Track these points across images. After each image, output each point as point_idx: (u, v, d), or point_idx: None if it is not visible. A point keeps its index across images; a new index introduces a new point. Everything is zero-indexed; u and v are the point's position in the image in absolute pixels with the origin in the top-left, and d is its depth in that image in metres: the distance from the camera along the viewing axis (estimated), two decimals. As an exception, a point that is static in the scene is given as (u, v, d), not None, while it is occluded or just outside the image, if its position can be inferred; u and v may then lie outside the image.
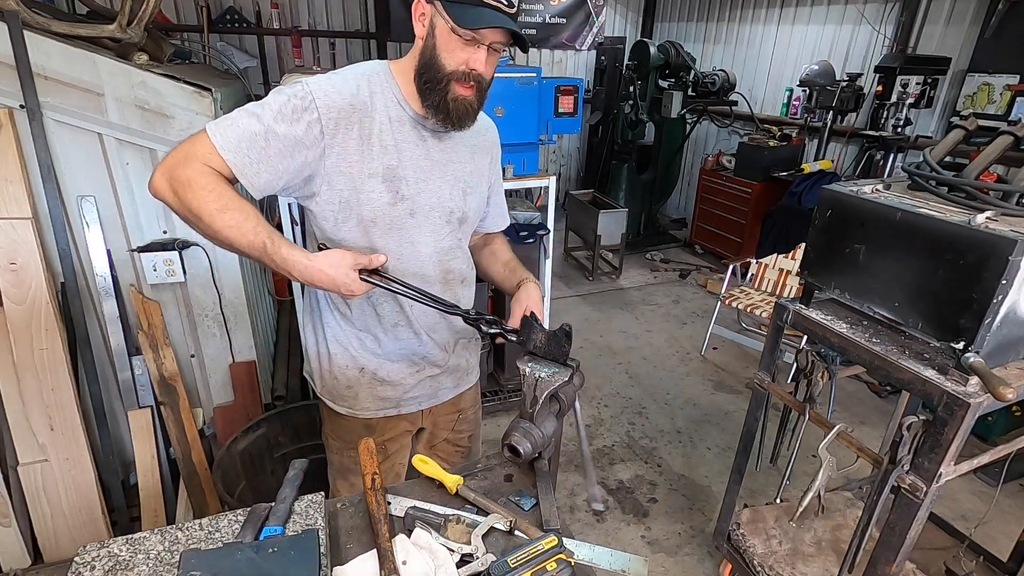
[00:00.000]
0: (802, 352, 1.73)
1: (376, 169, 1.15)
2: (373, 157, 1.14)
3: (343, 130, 1.11)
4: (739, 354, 3.88)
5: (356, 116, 1.12)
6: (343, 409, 1.39)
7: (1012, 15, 3.60)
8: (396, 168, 1.16)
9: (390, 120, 1.15)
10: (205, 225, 1.02)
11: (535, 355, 1.15)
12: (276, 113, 1.05)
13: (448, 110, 1.12)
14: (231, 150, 1.03)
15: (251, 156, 1.04)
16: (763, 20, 5.44)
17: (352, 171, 1.13)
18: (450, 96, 1.11)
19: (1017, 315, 1.28)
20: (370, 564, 0.95)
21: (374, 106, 1.14)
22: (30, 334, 1.85)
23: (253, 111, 1.06)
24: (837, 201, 1.55)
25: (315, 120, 1.07)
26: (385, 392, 1.36)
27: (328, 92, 1.09)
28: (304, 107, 1.06)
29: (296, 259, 1.03)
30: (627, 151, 5.71)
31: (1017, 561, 1.97)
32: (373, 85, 1.15)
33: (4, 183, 1.77)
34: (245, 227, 1.02)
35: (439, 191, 1.23)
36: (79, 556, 0.89)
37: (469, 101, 1.13)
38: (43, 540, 2.01)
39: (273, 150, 1.05)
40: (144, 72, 1.86)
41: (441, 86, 1.10)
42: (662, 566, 2.28)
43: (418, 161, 1.19)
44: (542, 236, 3.01)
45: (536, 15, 6.23)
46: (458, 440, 1.58)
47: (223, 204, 1.01)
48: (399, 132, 1.17)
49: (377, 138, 1.14)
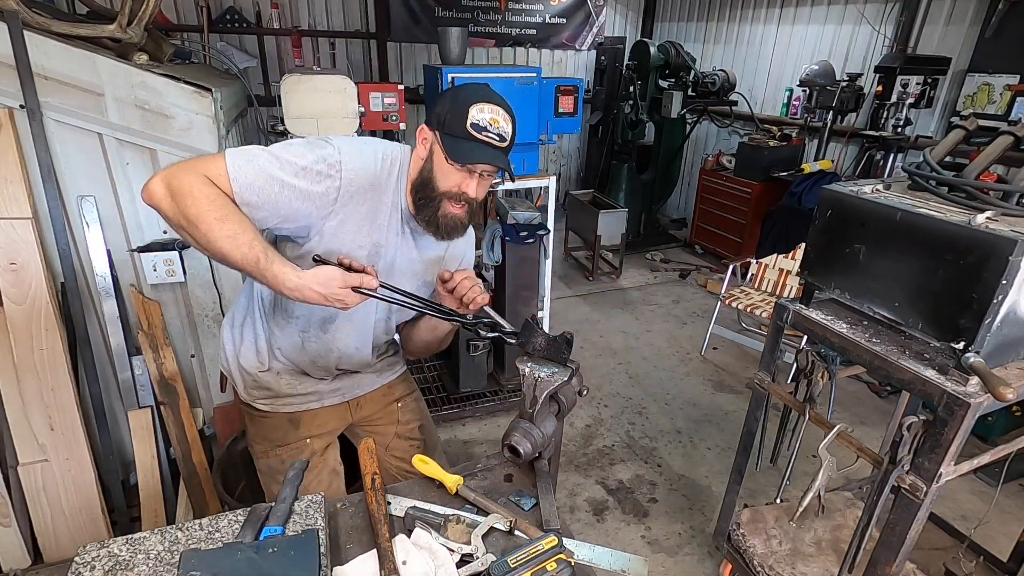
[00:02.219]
0: (802, 352, 1.73)
1: (365, 242, 1.23)
2: (370, 232, 1.23)
3: (356, 202, 1.18)
4: (739, 354, 3.88)
5: (372, 193, 1.20)
6: (265, 405, 1.43)
7: (1012, 15, 3.60)
8: (381, 247, 1.26)
9: (391, 205, 1.24)
10: (202, 233, 1.03)
11: (534, 356, 1.15)
12: (300, 170, 1.11)
13: (438, 225, 1.22)
14: (243, 183, 1.07)
15: (260, 196, 1.08)
16: (763, 20, 5.44)
17: (347, 238, 1.20)
18: (441, 213, 1.21)
19: (1017, 315, 1.28)
20: (370, 564, 0.95)
21: (387, 189, 1.22)
22: (30, 334, 1.85)
23: (278, 156, 1.10)
24: (837, 201, 1.55)
25: (335, 187, 1.14)
26: (304, 387, 1.41)
27: (356, 166, 1.16)
28: (329, 174, 1.13)
29: (288, 276, 1.06)
30: (627, 151, 5.71)
31: (1017, 561, 1.97)
32: (392, 169, 1.23)
33: (4, 183, 1.77)
34: (241, 239, 1.04)
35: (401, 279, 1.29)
36: (79, 556, 0.89)
37: (460, 218, 1.23)
38: (43, 540, 2.01)
39: (283, 199, 1.10)
40: (144, 72, 1.86)
41: (434, 203, 1.20)
42: (662, 566, 2.28)
43: (395, 251, 1.29)
44: (542, 236, 3.01)
45: (536, 15, 6.23)
46: (409, 433, 1.60)
47: (223, 215, 1.03)
48: (393, 217, 1.25)
49: (379, 217, 1.23)
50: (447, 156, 1.15)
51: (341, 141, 1.18)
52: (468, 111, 1.14)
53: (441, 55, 2.88)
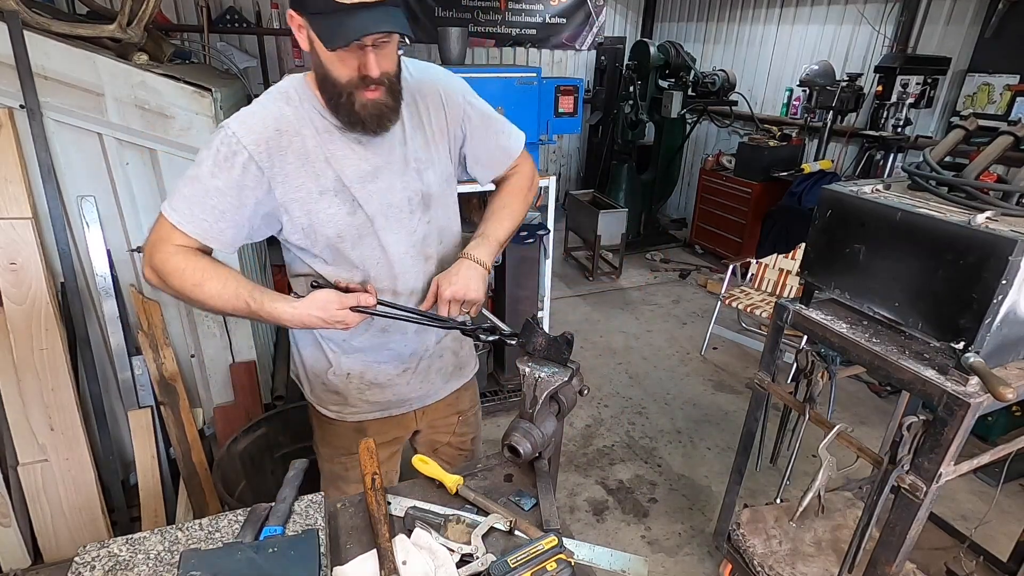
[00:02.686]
0: (802, 352, 1.73)
1: (325, 185, 1.11)
2: (318, 174, 1.11)
3: (278, 158, 1.08)
4: (739, 354, 3.88)
5: (285, 139, 1.08)
6: (332, 413, 1.37)
7: (1012, 15, 3.59)
8: (341, 179, 1.12)
9: (318, 132, 1.11)
10: (193, 301, 1.08)
11: (534, 356, 1.15)
12: (211, 168, 1.05)
13: (363, 120, 1.07)
14: (188, 222, 1.05)
15: (208, 220, 1.06)
16: (763, 20, 5.44)
17: (301, 195, 1.11)
18: (358, 105, 1.05)
19: (1017, 315, 1.28)
20: (370, 564, 0.95)
21: (301, 123, 1.10)
22: (30, 334, 1.85)
23: (192, 175, 1.06)
24: (837, 201, 1.55)
25: (248, 159, 1.05)
26: (374, 395, 1.35)
27: (250, 126, 1.06)
28: (233, 151, 1.05)
29: (282, 310, 1.07)
30: (627, 151, 5.71)
31: (1017, 561, 1.97)
32: (293, 102, 1.10)
33: (4, 183, 1.77)
34: (225, 295, 1.06)
35: (391, 186, 1.17)
36: (79, 556, 0.89)
37: (381, 102, 1.06)
38: (43, 540, 2.01)
39: (225, 205, 1.06)
40: (144, 72, 1.86)
41: (344, 99, 1.05)
42: (662, 566, 2.28)
43: (359, 166, 1.14)
44: (542, 236, 3.01)
45: (536, 15, 6.24)
46: (461, 444, 1.57)
47: (199, 279, 1.06)
48: (332, 142, 1.12)
49: (314, 154, 1.10)
50: (324, 44, 0.98)
51: (232, 116, 1.08)
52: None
53: (441, 55, 2.88)
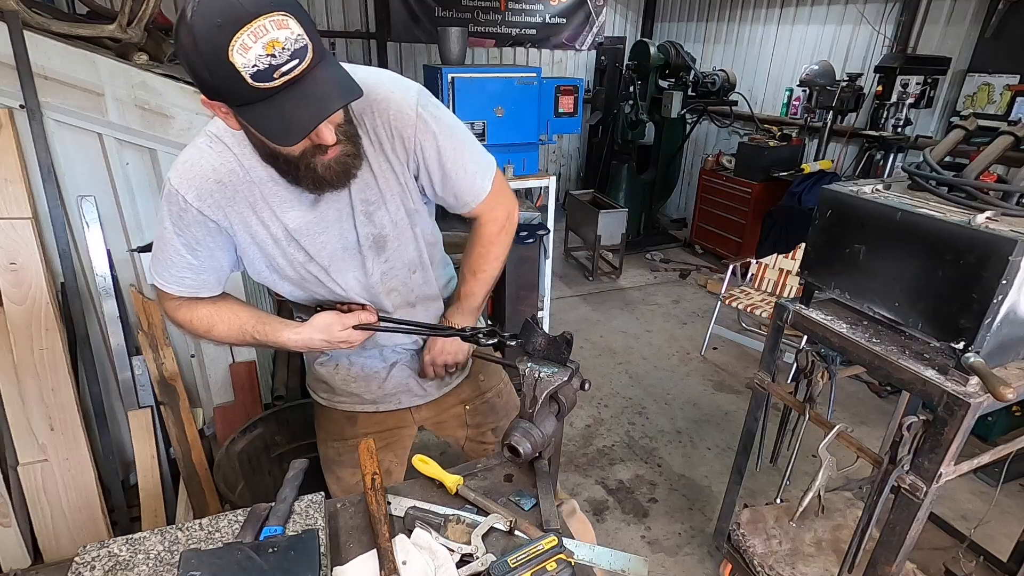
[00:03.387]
0: (802, 352, 1.73)
1: (277, 234, 1.07)
2: (267, 223, 1.05)
3: (228, 207, 1.02)
4: (739, 354, 3.88)
5: (230, 189, 1.01)
6: (322, 400, 1.42)
7: (1012, 15, 3.59)
8: (292, 229, 1.06)
9: (264, 180, 1.02)
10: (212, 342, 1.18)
11: (534, 356, 1.15)
12: (172, 228, 1.03)
13: (328, 180, 0.97)
14: (172, 284, 1.09)
15: (189, 277, 1.09)
16: (763, 20, 5.44)
17: (258, 241, 1.07)
18: (321, 168, 0.94)
19: (1017, 315, 1.28)
20: (370, 564, 0.95)
21: (244, 167, 1.01)
22: (30, 334, 1.85)
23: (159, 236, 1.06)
24: (837, 201, 1.55)
25: (198, 214, 1.01)
26: (359, 388, 1.37)
27: (190, 180, 0.99)
28: (182, 209, 1.00)
29: (287, 336, 1.11)
30: (627, 151, 5.71)
31: (1017, 561, 1.97)
32: (231, 147, 1.00)
33: (4, 183, 1.77)
34: (232, 334, 1.13)
35: (341, 233, 1.10)
36: (79, 556, 0.89)
37: (343, 156, 0.95)
38: (43, 540, 2.01)
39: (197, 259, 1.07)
40: (144, 72, 1.86)
41: (303, 170, 0.95)
42: (662, 566, 2.28)
43: (305, 216, 1.06)
44: (542, 236, 3.01)
45: (536, 15, 6.24)
46: (480, 437, 1.52)
47: (207, 326, 1.13)
48: (275, 193, 1.03)
49: (264, 201, 1.03)
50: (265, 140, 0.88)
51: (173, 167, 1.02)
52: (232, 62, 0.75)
53: (441, 55, 2.88)
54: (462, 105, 2.61)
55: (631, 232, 5.46)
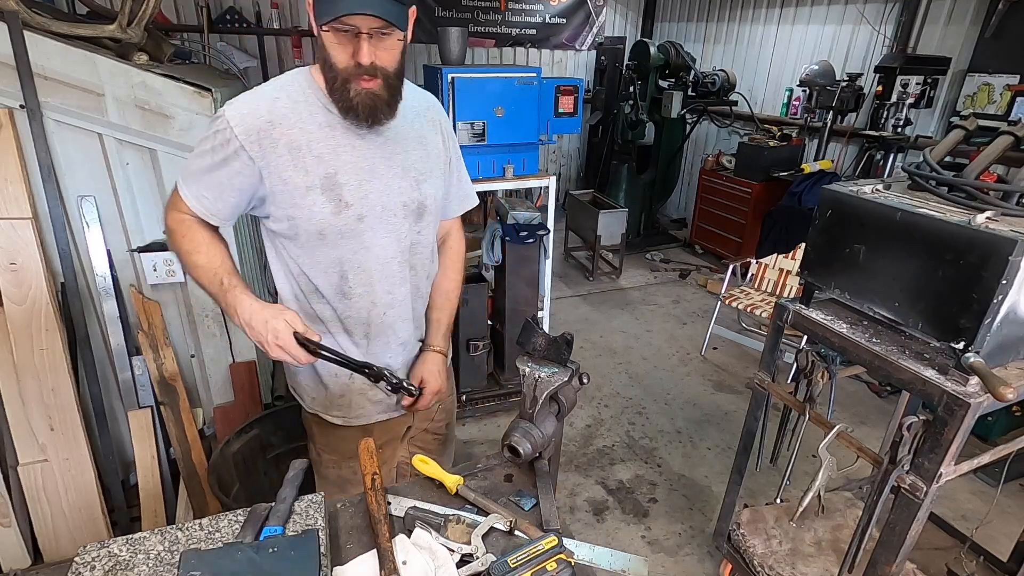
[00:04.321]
0: (802, 352, 1.73)
1: (313, 181, 1.12)
2: (308, 169, 1.11)
3: (269, 149, 1.09)
4: (739, 354, 3.88)
5: (278, 131, 1.09)
6: (337, 419, 1.35)
7: (1012, 15, 3.59)
8: (335, 176, 1.13)
9: (319, 127, 1.12)
10: (183, 263, 1.19)
11: (534, 356, 1.15)
12: (211, 150, 1.10)
13: (356, 108, 1.08)
14: (193, 198, 1.14)
15: (209, 197, 1.14)
16: (763, 20, 5.44)
17: (288, 188, 1.12)
18: (352, 93, 1.07)
19: (1017, 315, 1.28)
20: (370, 564, 0.95)
21: (298, 116, 1.11)
22: (30, 334, 1.85)
23: (198, 152, 1.12)
24: (837, 201, 1.55)
25: (239, 148, 1.08)
26: (378, 395, 1.35)
27: (243, 115, 1.09)
28: (226, 138, 1.08)
29: (243, 301, 1.09)
30: (627, 151, 5.71)
31: (1017, 561, 1.97)
32: (293, 95, 1.12)
33: (4, 183, 1.77)
34: (206, 268, 1.14)
35: (388, 188, 1.19)
36: (79, 556, 0.89)
37: (374, 93, 1.08)
38: (43, 540, 2.01)
39: (222, 185, 1.12)
40: (144, 72, 1.86)
41: (339, 85, 1.07)
42: (662, 566, 2.28)
43: (358, 163, 1.15)
44: (542, 236, 3.01)
45: (536, 15, 6.24)
46: (436, 428, 1.58)
47: (192, 248, 1.15)
48: (332, 138, 1.13)
49: (308, 149, 1.11)
50: (314, 19, 1.01)
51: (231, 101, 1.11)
52: None
53: (441, 55, 2.88)
54: (462, 105, 2.60)
55: (631, 232, 5.46)
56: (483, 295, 3.05)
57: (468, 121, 2.63)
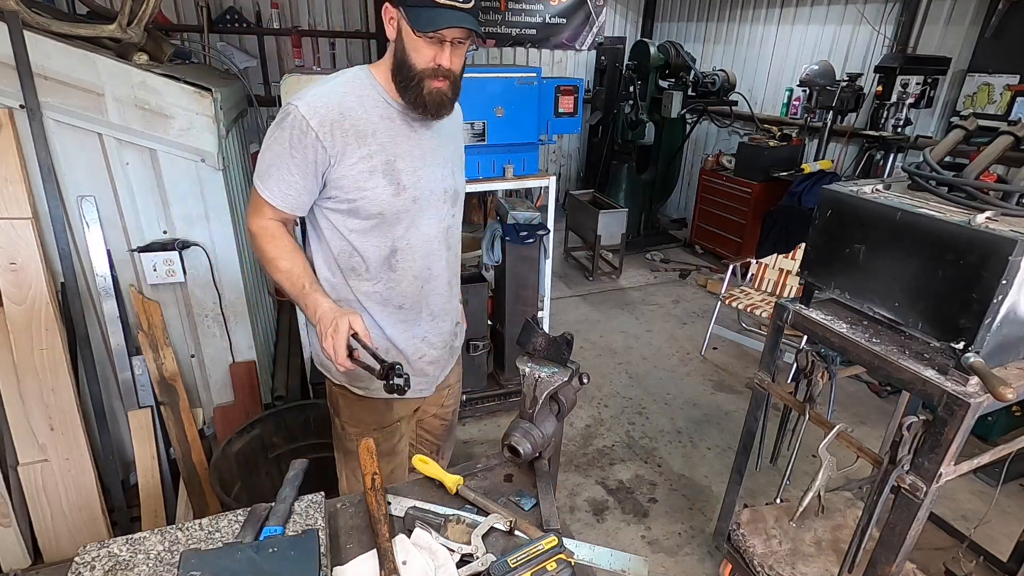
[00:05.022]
0: (802, 352, 1.73)
1: (376, 166, 1.24)
2: (371, 155, 1.23)
3: (340, 138, 1.20)
4: (739, 354, 3.87)
5: (348, 122, 1.21)
6: (360, 391, 1.44)
7: (1012, 15, 3.59)
8: (394, 162, 1.26)
9: (380, 118, 1.25)
10: (268, 271, 1.28)
11: (534, 356, 1.15)
12: (288, 148, 1.19)
13: (426, 104, 1.22)
14: (277, 197, 1.23)
15: (291, 195, 1.23)
16: (763, 20, 5.44)
17: (354, 173, 1.23)
18: (425, 91, 1.21)
19: (1017, 315, 1.28)
20: (370, 564, 0.95)
21: (363, 108, 1.23)
22: (30, 334, 1.85)
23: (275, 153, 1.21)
24: (837, 201, 1.55)
25: (316, 140, 1.18)
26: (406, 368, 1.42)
27: (317, 108, 1.18)
28: (303, 131, 1.18)
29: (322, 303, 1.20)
30: (627, 151, 5.71)
31: (1017, 561, 1.97)
32: (358, 89, 1.24)
33: (4, 183, 1.77)
34: (292, 273, 1.24)
35: (434, 175, 1.33)
36: (79, 556, 0.89)
37: (443, 92, 1.23)
38: (43, 540, 2.01)
39: (303, 179, 1.22)
40: (144, 72, 1.86)
41: (415, 83, 1.20)
42: (662, 566, 2.28)
43: (412, 151, 1.29)
44: (542, 236, 3.01)
45: (536, 15, 6.23)
46: (443, 415, 1.68)
47: (276, 254, 1.25)
48: (390, 128, 1.26)
49: (372, 137, 1.23)
50: (413, 28, 1.14)
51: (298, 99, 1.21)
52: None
53: (441, 55, 2.88)
54: (462, 105, 2.60)
55: (631, 232, 5.46)
56: (483, 295, 3.05)
57: (468, 121, 2.63)
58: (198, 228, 2.09)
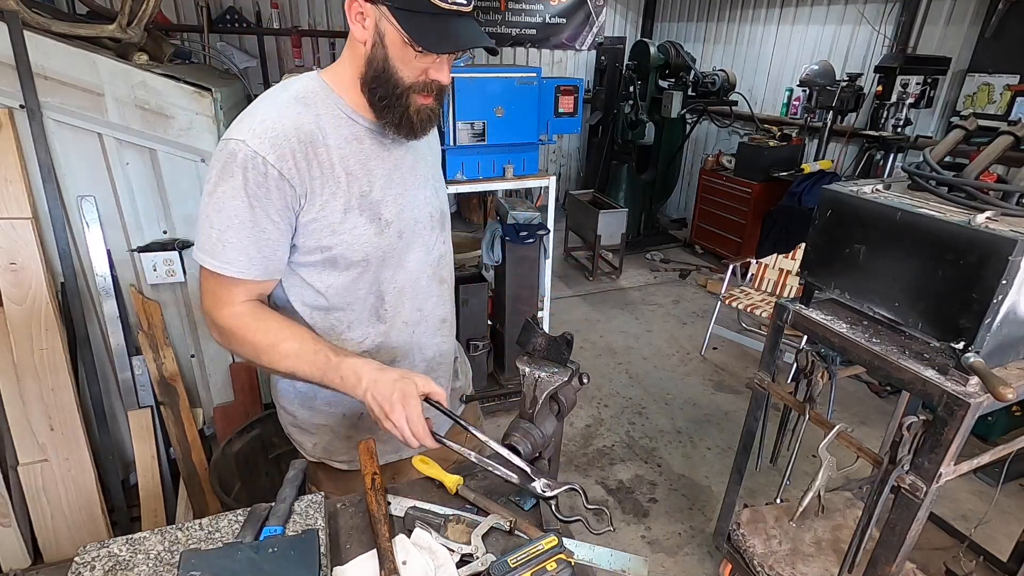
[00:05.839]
0: (802, 352, 1.73)
1: (351, 202, 1.01)
2: (344, 189, 1.00)
3: (305, 173, 0.96)
4: (739, 354, 3.88)
5: (310, 149, 0.97)
6: (343, 465, 1.25)
7: (1012, 15, 3.60)
8: (370, 193, 1.04)
9: (346, 140, 1.01)
10: (265, 363, 0.99)
11: (534, 356, 1.15)
12: (248, 201, 0.93)
13: (412, 123, 1.01)
14: (250, 268, 0.97)
15: (267, 256, 0.98)
16: (763, 20, 5.44)
17: (325, 213, 0.99)
18: (412, 109, 0.99)
19: (1017, 315, 1.28)
20: (370, 564, 0.94)
21: (323, 130, 0.99)
22: (30, 334, 1.85)
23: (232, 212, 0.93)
24: (837, 201, 1.55)
25: (279, 179, 0.94)
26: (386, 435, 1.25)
27: (271, 138, 0.93)
28: (263, 173, 0.92)
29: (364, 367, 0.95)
30: (627, 151, 5.71)
31: (1017, 561, 1.97)
32: (313, 107, 0.99)
33: (4, 183, 1.77)
34: (303, 351, 0.97)
35: (416, 200, 1.12)
36: (79, 556, 0.89)
37: (431, 109, 1.02)
38: (43, 540, 2.01)
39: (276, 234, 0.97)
40: (144, 72, 1.86)
41: (401, 101, 0.98)
42: (662, 566, 2.28)
43: (390, 175, 1.07)
44: (542, 236, 3.01)
45: (536, 15, 6.23)
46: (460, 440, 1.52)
47: (273, 339, 0.97)
48: (360, 151, 1.03)
49: (340, 166, 1.00)
50: (413, 42, 0.91)
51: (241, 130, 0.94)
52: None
53: (441, 55, 2.88)
54: (462, 105, 2.60)
55: (631, 232, 5.46)
56: (483, 295, 3.05)
57: (468, 121, 2.63)
58: (198, 228, 2.09)
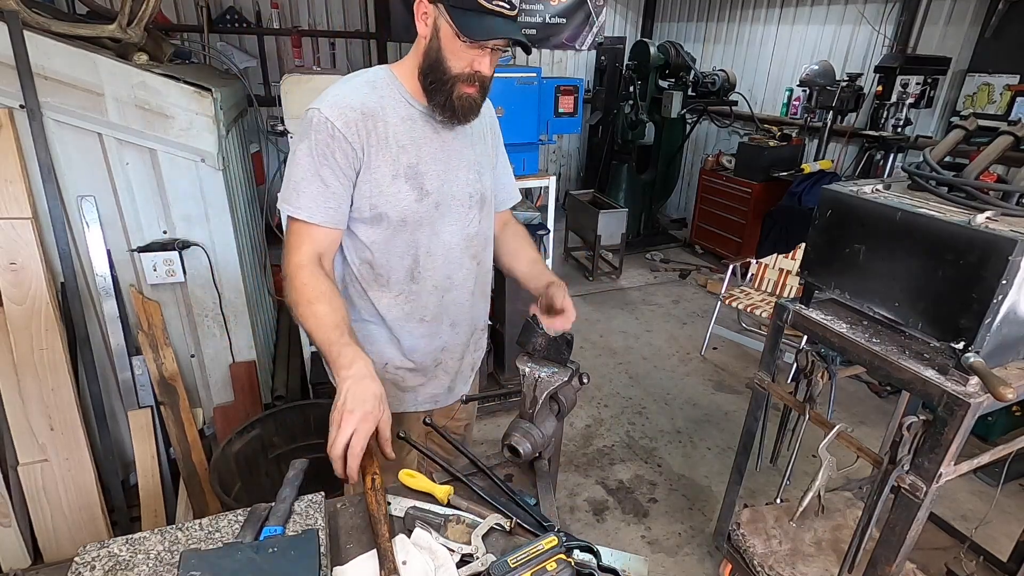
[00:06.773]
0: (802, 352, 1.73)
1: (399, 170, 1.20)
2: (394, 159, 1.19)
3: (365, 140, 1.16)
4: (739, 354, 3.87)
5: (371, 123, 1.17)
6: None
7: (1012, 15, 3.60)
8: (417, 165, 1.21)
9: (402, 120, 1.20)
10: (299, 315, 1.12)
11: (534, 356, 1.15)
12: (318, 158, 1.14)
13: (455, 108, 1.17)
14: (318, 215, 1.15)
15: (332, 207, 1.16)
16: (763, 20, 5.44)
17: (377, 176, 1.18)
18: (456, 95, 1.16)
19: (1017, 315, 1.28)
20: (370, 564, 0.94)
21: (384, 109, 1.19)
22: (30, 334, 1.85)
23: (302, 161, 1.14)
24: (837, 201, 1.55)
25: (344, 142, 1.14)
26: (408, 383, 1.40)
27: (341, 109, 1.14)
28: (330, 134, 1.13)
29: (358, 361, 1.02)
30: (627, 151, 5.71)
31: (1017, 561, 1.97)
32: (379, 90, 1.20)
33: (4, 183, 1.77)
34: (329, 320, 1.09)
35: (458, 179, 1.28)
36: (79, 556, 0.89)
37: (473, 98, 1.18)
38: (43, 540, 2.01)
39: (340, 188, 1.16)
40: (144, 72, 1.86)
41: (447, 87, 1.15)
42: (662, 566, 2.28)
43: (436, 154, 1.24)
44: (542, 236, 3.01)
45: (536, 15, 6.22)
46: (455, 428, 1.61)
47: (316, 296, 1.11)
48: (413, 130, 1.21)
49: (394, 140, 1.19)
50: (458, 33, 1.09)
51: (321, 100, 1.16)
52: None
53: (441, 55, 2.88)
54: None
55: (631, 232, 5.46)
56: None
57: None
58: (198, 228, 2.09)
